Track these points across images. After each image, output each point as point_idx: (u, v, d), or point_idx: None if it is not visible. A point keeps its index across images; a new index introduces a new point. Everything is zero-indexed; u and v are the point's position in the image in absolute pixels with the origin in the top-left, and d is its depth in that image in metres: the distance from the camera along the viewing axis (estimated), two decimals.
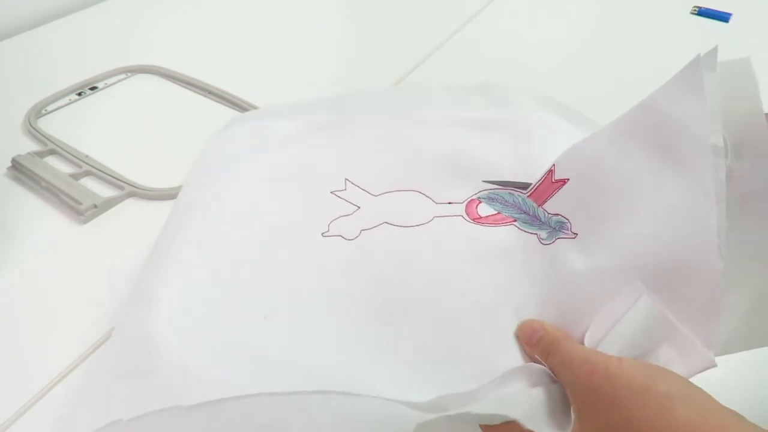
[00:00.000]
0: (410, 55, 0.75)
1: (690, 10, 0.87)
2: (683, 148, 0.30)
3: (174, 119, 0.62)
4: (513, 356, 0.32)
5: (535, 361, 0.30)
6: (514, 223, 0.37)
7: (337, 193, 0.39)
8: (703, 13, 0.86)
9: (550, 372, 0.29)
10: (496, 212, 0.38)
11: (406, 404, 0.27)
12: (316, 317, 0.34)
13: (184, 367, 0.30)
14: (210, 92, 0.65)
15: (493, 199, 0.39)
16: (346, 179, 0.40)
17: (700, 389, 0.25)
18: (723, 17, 0.85)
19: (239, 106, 0.63)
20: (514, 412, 0.27)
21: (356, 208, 0.39)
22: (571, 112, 0.46)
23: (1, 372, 0.38)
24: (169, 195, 0.52)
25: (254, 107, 0.62)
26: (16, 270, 0.45)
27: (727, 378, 0.31)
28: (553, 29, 0.86)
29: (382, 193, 0.40)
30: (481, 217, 0.38)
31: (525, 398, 0.28)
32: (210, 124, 0.62)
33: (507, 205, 0.38)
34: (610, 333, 0.29)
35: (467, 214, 0.38)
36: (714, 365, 0.28)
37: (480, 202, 0.39)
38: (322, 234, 0.37)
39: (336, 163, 0.41)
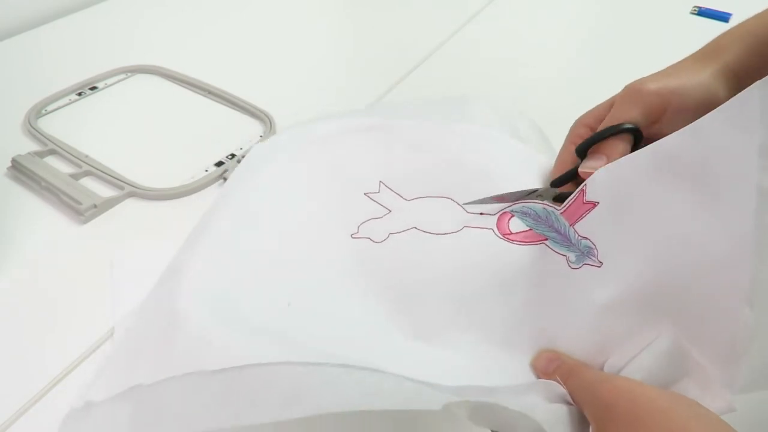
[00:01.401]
0: (410, 55, 0.75)
1: (690, 10, 0.87)
2: (726, 186, 0.27)
3: (174, 119, 0.62)
4: (529, 376, 0.32)
5: (556, 381, 0.30)
6: (545, 242, 0.36)
7: (370, 195, 0.40)
8: (703, 13, 0.86)
9: (567, 395, 0.29)
10: (527, 228, 0.37)
11: (431, 385, 0.27)
12: (338, 312, 0.34)
13: (207, 338, 0.30)
14: (210, 92, 0.65)
15: (526, 213, 0.37)
16: (380, 182, 0.40)
17: (720, 419, 0.25)
18: (723, 17, 0.85)
19: (239, 106, 0.63)
20: (536, 416, 0.27)
21: (387, 211, 0.39)
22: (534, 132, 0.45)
23: (1, 372, 0.38)
24: (169, 195, 0.52)
25: (254, 107, 0.62)
26: (16, 270, 0.45)
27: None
28: (553, 29, 0.86)
29: (414, 198, 0.39)
30: (512, 233, 0.37)
31: (544, 409, 0.28)
32: (210, 124, 0.62)
33: (539, 222, 0.37)
34: (631, 363, 0.29)
35: (498, 228, 0.37)
36: (733, 410, 0.27)
37: (512, 215, 0.37)
38: (351, 235, 0.38)
39: (372, 165, 0.41)
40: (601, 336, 0.31)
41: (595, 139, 0.37)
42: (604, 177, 0.34)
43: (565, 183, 0.38)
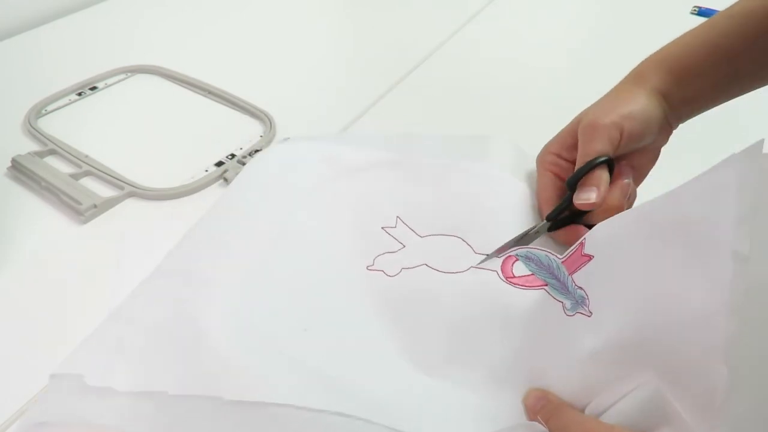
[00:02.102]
0: (410, 55, 0.75)
1: (690, 10, 0.87)
2: (705, 251, 0.29)
3: (174, 119, 0.62)
4: (519, 414, 0.34)
5: (538, 422, 0.32)
6: (545, 287, 0.38)
7: (387, 229, 0.43)
8: (703, 13, 0.86)
9: None
10: (530, 273, 0.39)
11: None
12: (349, 341, 0.37)
13: (229, 364, 0.33)
14: (210, 92, 0.65)
15: (530, 258, 0.40)
16: (397, 217, 0.43)
17: None
18: None
19: (239, 106, 0.63)
20: None
21: (402, 246, 0.42)
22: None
23: (1, 371, 0.38)
24: (169, 195, 0.52)
25: (254, 107, 0.62)
26: (16, 270, 0.45)
27: None
28: (553, 29, 0.86)
29: (427, 235, 0.42)
30: (514, 277, 0.39)
31: None
32: (210, 124, 0.62)
33: (541, 268, 0.39)
34: (613, 407, 0.31)
35: (502, 272, 0.39)
36: None
37: (517, 259, 0.40)
38: (367, 267, 0.41)
39: (391, 200, 0.44)
40: (587, 380, 0.33)
41: (579, 174, 0.40)
42: (600, 232, 0.37)
43: (560, 215, 0.42)
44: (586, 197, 0.39)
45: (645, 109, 0.40)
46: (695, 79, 0.41)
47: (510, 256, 0.40)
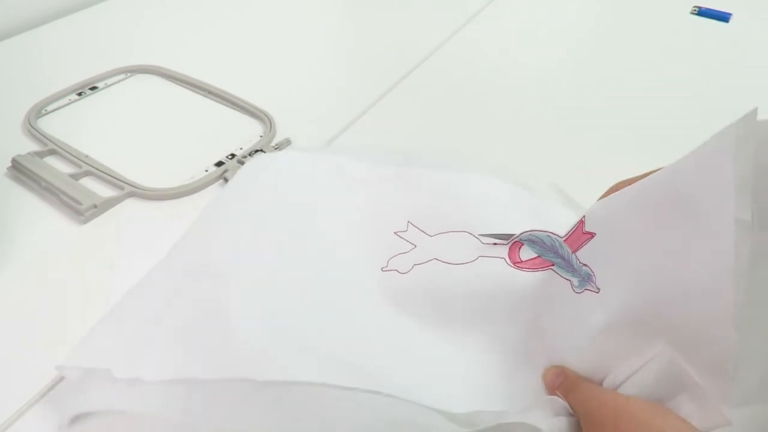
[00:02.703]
0: (410, 55, 0.75)
1: (690, 10, 0.87)
2: (707, 220, 0.30)
3: (174, 119, 0.62)
4: (538, 391, 0.35)
5: (558, 396, 0.33)
6: (552, 267, 0.39)
7: (399, 234, 0.45)
8: (703, 13, 0.86)
9: (569, 407, 0.32)
10: (536, 255, 0.40)
11: (445, 414, 0.32)
12: (369, 329, 0.39)
13: (256, 349, 0.35)
14: (210, 92, 0.65)
15: (533, 241, 0.40)
16: (408, 221, 0.45)
17: (695, 429, 0.28)
18: (723, 17, 0.85)
19: (239, 106, 0.63)
20: (542, 427, 0.31)
21: (413, 246, 0.43)
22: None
23: (1, 371, 0.38)
24: (169, 195, 0.52)
25: (254, 107, 0.63)
26: (16, 270, 0.45)
27: None
28: (553, 29, 0.86)
29: (437, 234, 0.44)
30: (521, 261, 0.40)
31: (549, 421, 0.31)
32: (210, 124, 0.62)
33: (545, 249, 0.40)
34: (629, 379, 0.32)
35: (509, 257, 0.40)
36: (729, 424, 0.29)
37: (522, 244, 0.41)
38: (382, 269, 0.43)
39: (400, 206, 0.47)
40: (600, 354, 0.34)
41: None
42: (600, 210, 0.37)
43: None
44: None
45: None
46: None
47: (516, 242, 0.41)
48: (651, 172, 0.37)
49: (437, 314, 0.40)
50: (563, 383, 0.34)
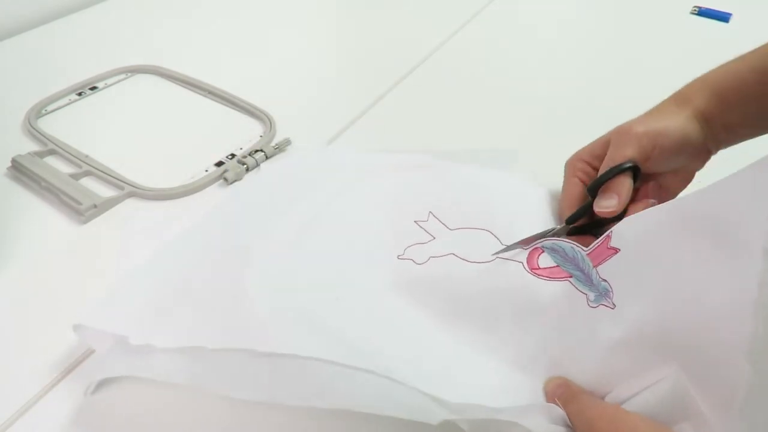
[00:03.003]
0: (410, 55, 0.75)
1: (690, 10, 0.87)
2: (735, 246, 0.29)
3: (174, 119, 0.62)
4: (537, 398, 0.35)
5: (556, 404, 0.33)
6: (570, 279, 0.39)
7: (419, 223, 0.44)
8: (703, 13, 0.86)
9: (566, 418, 0.32)
10: (555, 265, 0.40)
11: (438, 400, 0.31)
12: (377, 312, 0.39)
13: (265, 322, 0.36)
14: (210, 92, 0.65)
15: (555, 250, 0.40)
16: (429, 212, 0.45)
17: None
18: (723, 17, 0.85)
19: (239, 106, 0.63)
20: (532, 428, 0.30)
21: (432, 238, 0.43)
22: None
23: (1, 371, 0.38)
24: (169, 195, 0.52)
25: (254, 107, 0.62)
26: (16, 270, 0.45)
27: None
28: (553, 29, 0.86)
29: (457, 228, 0.43)
30: (540, 268, 0.40)
31: (542, 427, 0.31)
32: (210, 124, 0.62)
33: (567, 260, 0.40)
34: (633, 398, 0.31)
35: (527, 263, 0.40)
36: None
37: (543, 251, 0.41)
38: (398, 256, 0.42)
39: (422, 196, 0.47)
40: (606, 370, 0.34)
41: (602, 179, 0.40)
42: (628, 226, 0.37)
43: (579, 219, 0.42)
44: (606, 204, 0.39)
45: (683, 128, 0.40)
46: (742, 104, 0.40)
47: (536, 248, 0.41)
48: (604, 138, 0.40)
49: (447, 309, 0.39)
50: (564, 393, 0.33)
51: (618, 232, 0.37)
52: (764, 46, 0.40)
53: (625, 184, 0.39)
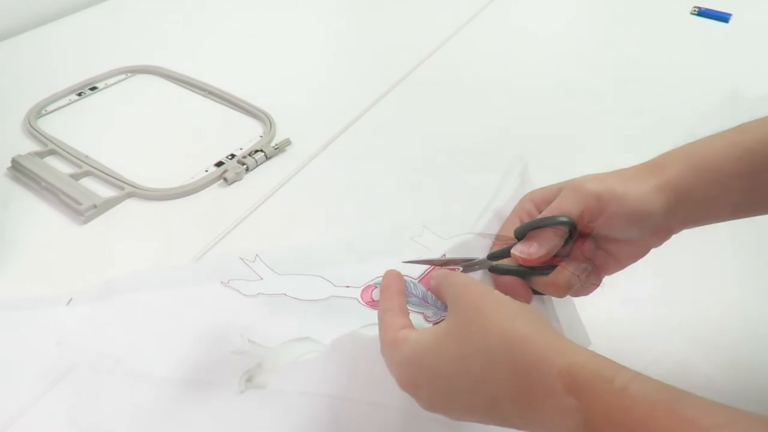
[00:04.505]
0: (410, 55, 0.75)
1: (690, 11, 0.87)
2: None
3: (174, 119, 0.62)
4: None
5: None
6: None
7: (246, 261, 0.45)
8: (703, 13, 0.86)
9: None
10: None
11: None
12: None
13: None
14: (210, 92, 0.65)
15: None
16: (257, 255, 0.45)
17: (539, 314, 0.31)
18: (723, 17, 0.85)
19: (239, 106, 0.63)
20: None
21: (260, 278, 0.44)
22: None
23: (1, 371, 0.38)
24: (169, 195, 0.52)
25: (254, 107, 0.63)
26: (16, 270, 0.45)
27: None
28: (552, 29, 0.86)
29: (286, 274, 0.45)
30: (374, 301, 0.42)
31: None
32: (210, 124, 0.62)
33: None
34: None
35: (362, 298, 0.42)
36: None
37: (375, 287, 0.43)
38: (221, 282, 0.43)
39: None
40: None
41: (532, 225, 0.38)
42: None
43: (500, 258, 0.41)
44: (522, 250, 0.38)
45: (643, 199, 0.36)
46: (718, 180, 0.36)
47: (370, 285, 0.43)
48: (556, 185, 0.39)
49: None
50: (435, 278, 0.37)
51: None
52: (745, 124, 0.38)
53: (551, 239, 0.37)
